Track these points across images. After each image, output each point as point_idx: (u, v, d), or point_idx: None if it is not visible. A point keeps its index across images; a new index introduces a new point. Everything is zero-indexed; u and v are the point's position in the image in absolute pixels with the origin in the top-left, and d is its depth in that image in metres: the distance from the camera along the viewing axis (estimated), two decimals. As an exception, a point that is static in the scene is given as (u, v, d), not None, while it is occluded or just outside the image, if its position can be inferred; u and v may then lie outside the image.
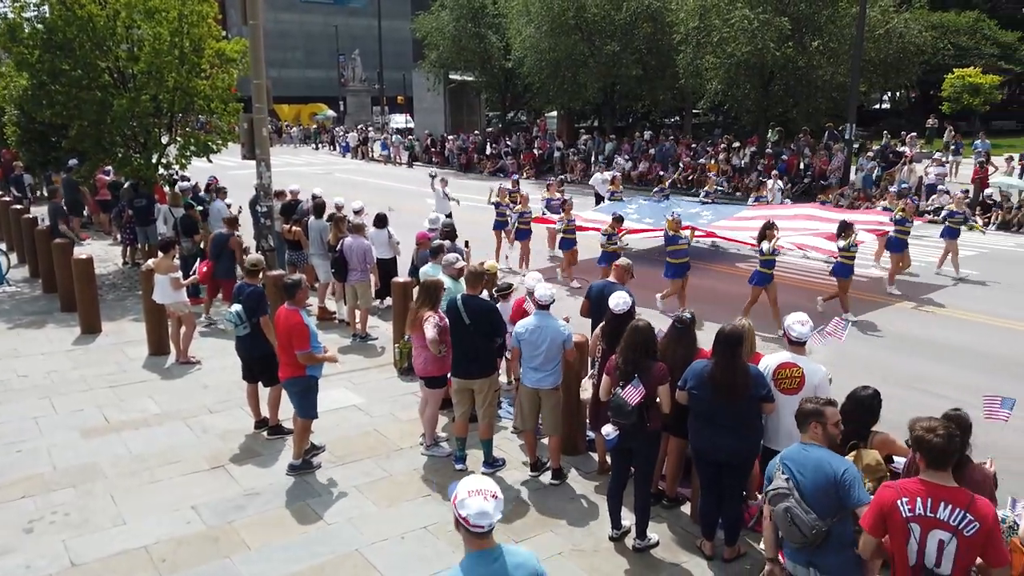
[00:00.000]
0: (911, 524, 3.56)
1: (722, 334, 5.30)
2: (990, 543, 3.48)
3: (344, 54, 59.48)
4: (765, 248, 10.77)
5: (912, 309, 12.38)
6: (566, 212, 14.29)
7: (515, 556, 3.33)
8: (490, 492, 3.16)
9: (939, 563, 3.53)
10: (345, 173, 33.89)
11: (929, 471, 3.60)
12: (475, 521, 3.11)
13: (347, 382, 9.13)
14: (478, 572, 3.21)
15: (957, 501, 3.49)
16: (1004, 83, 42.85)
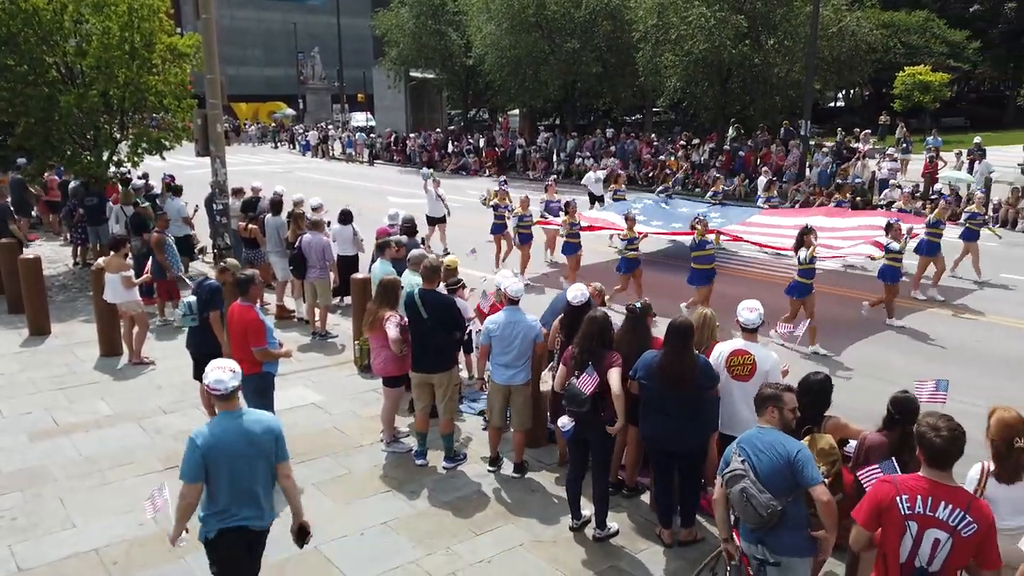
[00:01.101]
0: (909, 522, 3.52)
1: (672, 325, 5.37)
2: (985, 545, 3.47)
3: (303, 52, 58.80)
4: (802, 256, 9.85)
5: (952, 317, 11.68)
6: (569, 215, 13.36)
7: (255, 415, 4.39)
8: (229, 367, 4.25)
9: (931, 562, 3.51)
10: (306, 172, 33.50)
11: (929, 468, 3.57)
12: (212, 385, 4.18)
13: (306, 380, 9.02)
14: (222, 425, 4.23)
15: (957, 501, 3.47)
16: (953, 81, 44.16)
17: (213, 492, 4.15)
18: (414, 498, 6.43)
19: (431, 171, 18.41)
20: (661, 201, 16.46)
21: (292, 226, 11.17)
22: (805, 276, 9.89)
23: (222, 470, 4.14)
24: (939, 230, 12.50)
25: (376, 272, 8.79)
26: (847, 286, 13.22)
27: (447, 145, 35.13)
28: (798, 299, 9.94)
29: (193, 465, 4.12)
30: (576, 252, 13.23)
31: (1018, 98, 47.90)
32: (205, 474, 4.12)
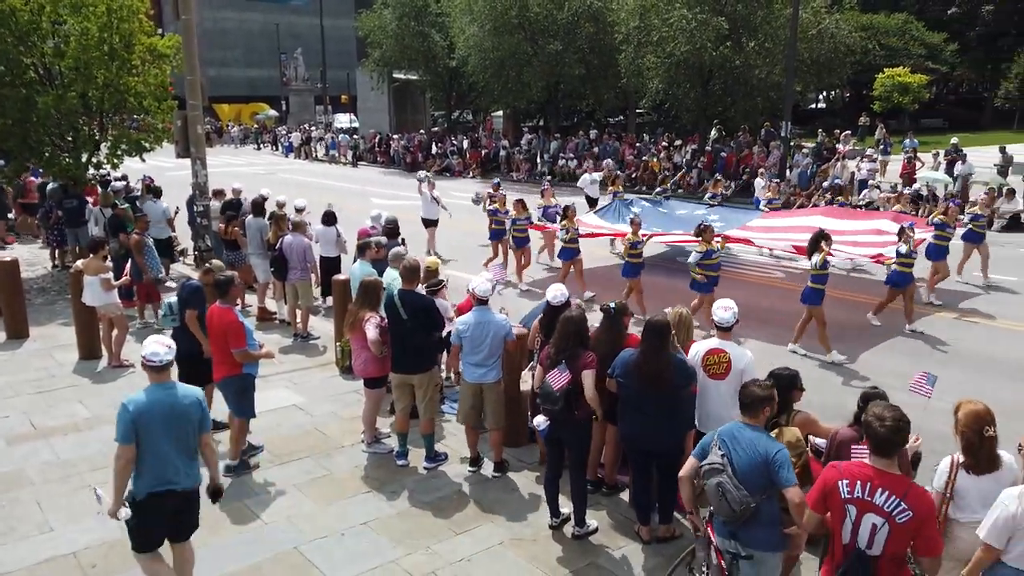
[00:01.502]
0: (848, 505, 3.67)
1: (649, 324, 5.43)
2: (921, 532, 3.59)
3: (286, 53, 58.56)
4: (815, 261, 9.52)
5: (958, 320, 11.56)
6: (568, 219, 12.85)
7: (185, 388, 4.84)
8: (165, 343, 4.72)
9: (871, 545, 3.66)
10: (288, 173, 33.36)
11: (875, 457, 3.70)
12: (148, 357, 4.63)
13: (287, 382, 9.02)
14: (154, 395, 4.65)
15: (894, 489, 3.60)
16: (931, 82, 44.65)
17: (142, 456, 4.57)
18: (395, 498, 6.46)
19: (427, 173, 18.13)
20: (657, 204, 16.05)
21: (274, 227, 11.15)
22: (819, 282, 9.60)
23: (151, 436, 4.57)
24: (948, 234, 12.31)
25: (356, 273, 8.80)
26: (852, 289, 12.91)
27: (431, 146, 35.12)
28: (814, 305, 9.64)
29: (125, 428, 4.52)
30: (574, 257, 12.73)
31: (995, 100, 48.57)
32: (136, 438, 4.53)
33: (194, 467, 4.81)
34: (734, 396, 5.52)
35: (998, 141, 27.52)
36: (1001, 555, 3.82)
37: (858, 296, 12.48)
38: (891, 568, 3.66)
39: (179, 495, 4.71)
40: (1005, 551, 3.79)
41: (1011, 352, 10.15)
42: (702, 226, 10.87)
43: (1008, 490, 3.81)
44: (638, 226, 11.78)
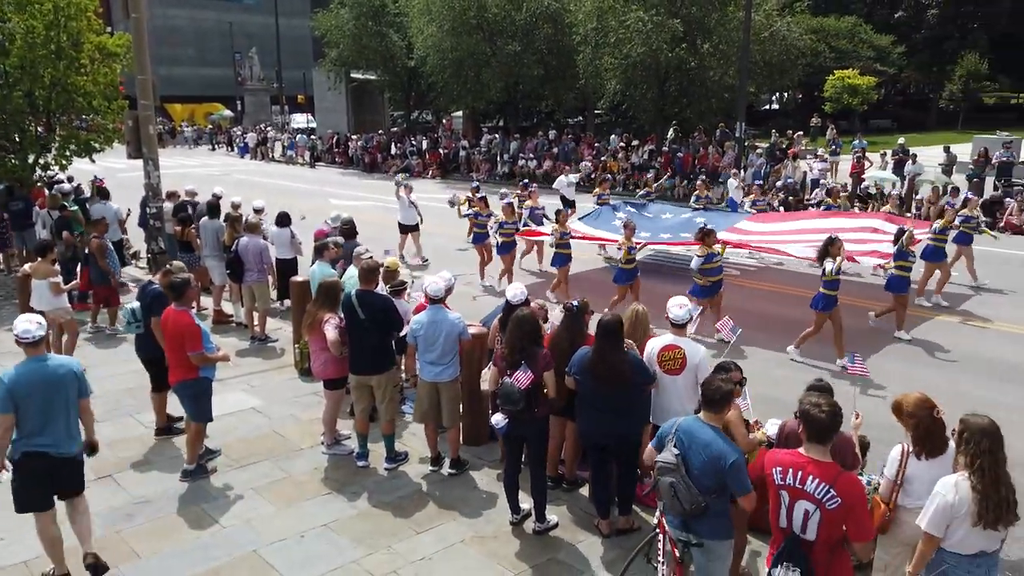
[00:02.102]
0: (781, 492, 3.83)
1: (601, 323, 5.53)
2: (851, 518, 3.72)
3: (240, 52, 57.67)
4: (828, 268, 9.22)
5: (958, 323, 11.44)
6: (561, 223, 12.41)
7: (59, 359, 5.36)
8: (35, 320, 5.14)
9: (804, 530, 3.79)
10: (244, 174, 32.87)
11: (808, 444, 3.84)
12: (20, 335, 5.07)
13: (245, 385, 8.91)
14: (28, 367, 5.08)
15: (824, 476, 3.72)
16: (880, 84, 45.96)
17: (20, 422, 5.02)
18: (355, 499, 6.44)
19: (404, 176, 17.55)
20: (642, 207, 15.72)
21: (229, 229, 11.01)
22: (831, 288, 9.31)
23: (27, 404, 5.01)
24: (944, 236, 12.17)
25: (315, 274, 8.75)
26: (852, 294, 12.23)
27: (390, 147, 34.93)
28: (824, 312, 9.36)
29: (2, 399, 4.94)
30: (567, 264, 12.24)
31: (940, 101, 50.13)
32: (15, 407, 4.97)
33: (72, 433, 5.22)
34: (689, 391, 5.69)
35: (943, 141, 28.42)
36: (941, 542, 3.97)
37: (856, 301, 11.90)
38: (826, 552, 3.80)
39: (55, 459, 5.13)
40: (944, 538, 3.95)
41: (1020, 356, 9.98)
42: (704, 230, 10.57)
43: (944, 479, 3.96)
44: (632, 231, 11.37)
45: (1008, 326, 11.30)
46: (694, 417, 4.38)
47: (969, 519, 3.83)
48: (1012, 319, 11.58)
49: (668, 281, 12.49)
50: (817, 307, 9.41)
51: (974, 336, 10.92)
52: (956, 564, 3.95)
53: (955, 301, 12.46)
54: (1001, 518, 3.79)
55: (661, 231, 13.95)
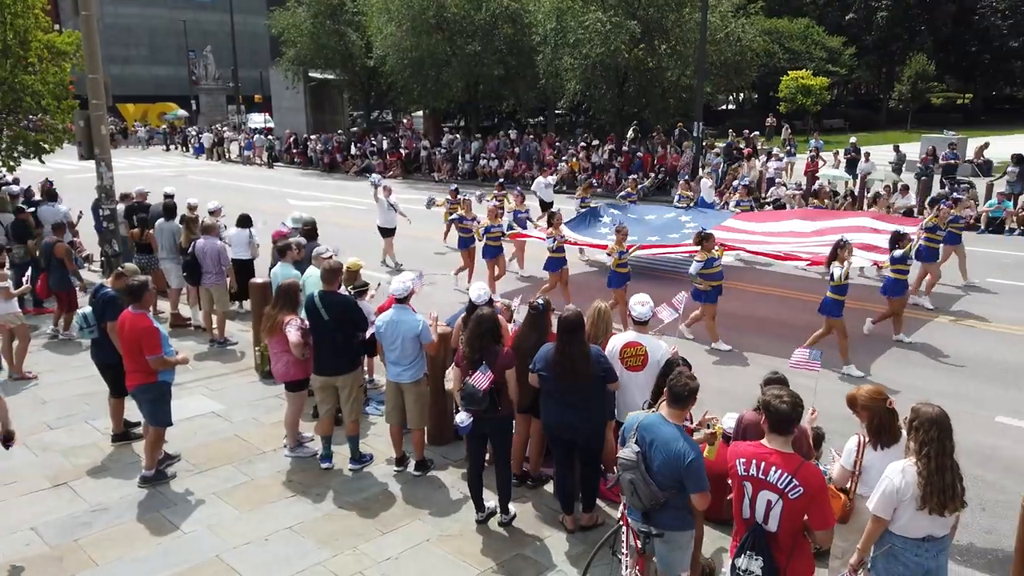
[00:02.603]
0: (744, 483, 3.91)
1: (561, 319, 5.59)
2: (813, 507, 3.81)
3: (194, 51, 56.57)
4: (837, 274, 9.04)
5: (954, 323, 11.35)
6: (555, 227, 12.03)
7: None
8: None
9: (767, 520, 3.88)
10: (200, 175, 32.30)
11: (770, 435, 3.93)
12: None
13: (205, 389, 8.78)
14: None
15: (786, 466, 3.82)
16: (832, 85, 47.08)
17: None
18: (320, 501, 6.40)
19: (381, 177, 16.64)
20: (624, 209, 15.31)
21: (185, 231, 10.82)
22: (839, 292, 9.13)
23: None
24: (937, 236, 12.11)
25: (277, 276, 8.66)
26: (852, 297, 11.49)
27: (350, 147, 34.64)
28: (834, 317, 9.19)
29: None
30: (561, 268, 11.83)
31: (890, 101, 51.49)
32: None
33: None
34: (651, 387, 5.77)
35: (893, 140, 29.24)
36: (888, 525, 4.11)
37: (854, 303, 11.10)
38: (788, 542, 3.89)
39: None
40: (891, 521, 4.09)
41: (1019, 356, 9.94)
42: (703, 233, 10.33)
43: (893, 464, 4.10)
44: (624, 235, 11.08)
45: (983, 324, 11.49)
46: (657, 414, 4.41)
47: (914, 503, 3.96)
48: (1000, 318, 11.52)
49: (657, 284, 12.04)
50: (825, 312, 9.25)
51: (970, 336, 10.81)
52: (903, 547, 4.07)
53: (941, 302, 12.27)
54: (946, 504, 3.91)
55: (648, 233, 13.60)
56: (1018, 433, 7.78)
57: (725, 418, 5.76)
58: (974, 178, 21.07)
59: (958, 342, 10.55)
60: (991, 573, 5.57)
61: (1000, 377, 9.35)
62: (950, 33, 48.84)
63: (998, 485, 6.73)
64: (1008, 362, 9.81)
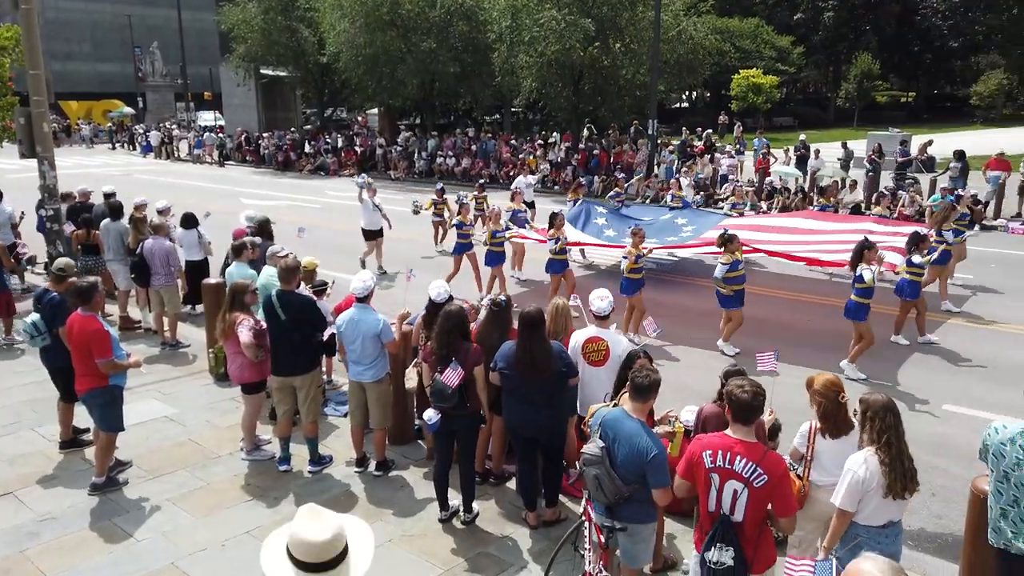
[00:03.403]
0: (712, 474, 3.93)
1: (522, 315, 5.60)
2: (777, 494, 3.88)
3: (141, 47, 55.16)
4: (868, 276, 8.79)
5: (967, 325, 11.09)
6: (557, 228, 11.57)
7: None
8: None
9: (733, 511, 3.93)
10: (148, 174, 31.49)
11: (734, 425, 3.97)
12: None
13: (157, 393, 8.55)
14: None
15: (751, 455, 3.88)
16: (782, 83, 48.10)
17: None
18: (278, 504, 6.29)
19: (367, 177, 15.71)
20: (617, 211, 14.85)
21: (133, 231, 10.53)
22: (866, 296, 8.89)
23: None
24: (943, 237, 11.62)
25: (232, 275, 8.47)
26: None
27: (304, 145, 34.15)
28: (862, 322, 8.97)
29: None
30: (564, 270, 11.45)
31: (837, 99, 52.80)
32: None
33: None
34: (613, 382, 5.80)
35: (841, 137, 29.95)
36: (853, 517, 4.20)
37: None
38: (753, 531, 3.95)
39: None
40: (856, 512, 4.18)
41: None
42: (726, 235, 9.87)
43: (853, 456, 4.19)
44: (641, 237, 10.41)
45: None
46: (619, 409, 4.43)
47: (880, 491, 4.06)
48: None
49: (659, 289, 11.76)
50: (859, 318, 8.97)
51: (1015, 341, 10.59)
52: (867, 536, 4.18)
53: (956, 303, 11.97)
54: (907, 487, 4.05)
55: (649, 235, 12.74)
56: (964, 420, 8.03)
57: (684, 411, 5.83)
58: (918, 174, 21.69)
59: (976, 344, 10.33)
60: (941, 557, 5.73)
61: (939, 366, 9.63)
62: (894, 33, 50.30)
63: (948, 471, 6.94)
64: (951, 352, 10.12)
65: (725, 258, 9.63)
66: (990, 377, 9.21)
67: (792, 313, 11.75)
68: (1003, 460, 4.02)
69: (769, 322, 10.97)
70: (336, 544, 2.47)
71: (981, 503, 4.36)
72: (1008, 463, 3.99)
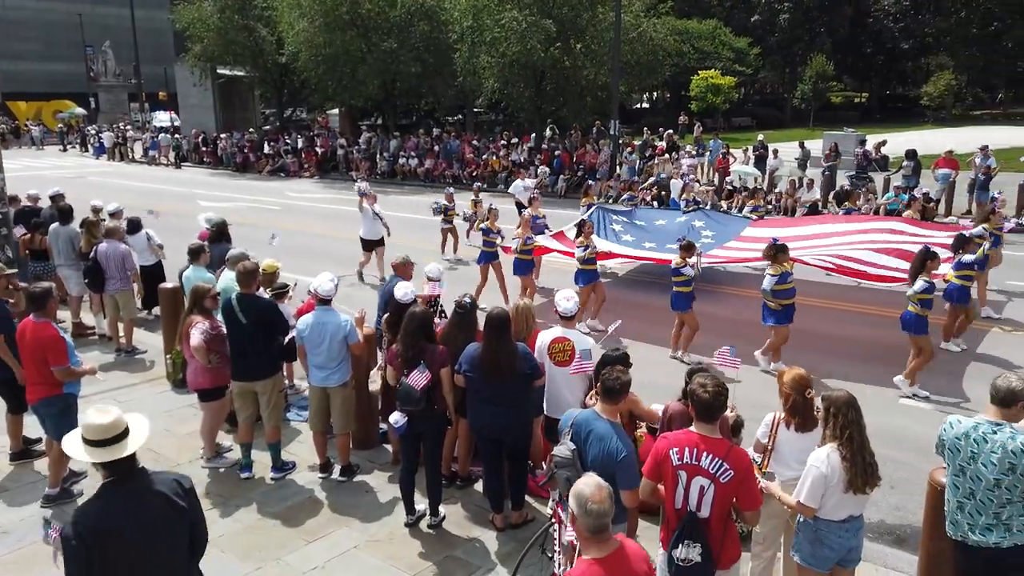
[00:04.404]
0: (679, 471, 3.95)
1: (488, 316, 5.58)
2: (742, 488, 3.93)
3: (92, 46, 53.85)
4: (919, 287, 8.29)
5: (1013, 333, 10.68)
6: (586, 235, 10.82)
7: None
8: None
9: (699, 507, 3.95)
10: (102, 176, 30.73)
11: (698, 423, 4.01)
12: None
13: (112, 400, 8.31)
14: None
15: (716, 451, 3.92)
16: (740, 84, 48.90)
17: None
18: (240, 512, 6.16)
19: (366, 184, 14.78)
20: (630, 214, 14.00)
21: (86, 235, 10.24)
22: (926, 306, 8.34)
23: None
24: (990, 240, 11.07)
25: (190, 279, 8.29)
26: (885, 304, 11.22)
27: (263, 146, 33.64)
28: (921, 335, 8.41)
29: None
30: (594, 282, 10.72)
31: (794, 100, 53.81)
32: None
33: None
34: (580, 381, 5.82)
35: (797, 137, 30.52)
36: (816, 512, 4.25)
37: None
38: (719, 526, 3.99)
39: None
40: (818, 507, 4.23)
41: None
42: (776, 245, 9.08)
43: (815, 453, 4.24)
44: (691, 251, 9.75)
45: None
46: (590, 410, 4.46)
47: (841, 487, 4.12)
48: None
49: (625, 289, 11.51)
50: (920, 331, 8.42)
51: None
52: (827, 530, 4.24)
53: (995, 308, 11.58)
54: (868, 482, 4.11)
55: (665, 241, 12.29)
56: (918, 413, 8.20)
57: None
58: (872, 173, 22.20)
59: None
60: (900, 548, 5.85)
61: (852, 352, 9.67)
62: (847, 35, 51.47)
63: (907, 464, 7.08)
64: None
65: (774, 269, 8.87)
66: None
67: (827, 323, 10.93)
68: (958, 454, 4.11)
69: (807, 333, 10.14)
70: (117, 425, 3.40)
71: (939, 495, 4.45)
72: (963, 457, 4.09)
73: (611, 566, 3.18)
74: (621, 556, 3.24)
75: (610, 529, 3.22)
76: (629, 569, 3.24)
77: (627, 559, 3.26)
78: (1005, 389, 4.05)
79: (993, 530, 4.02)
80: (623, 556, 3.25)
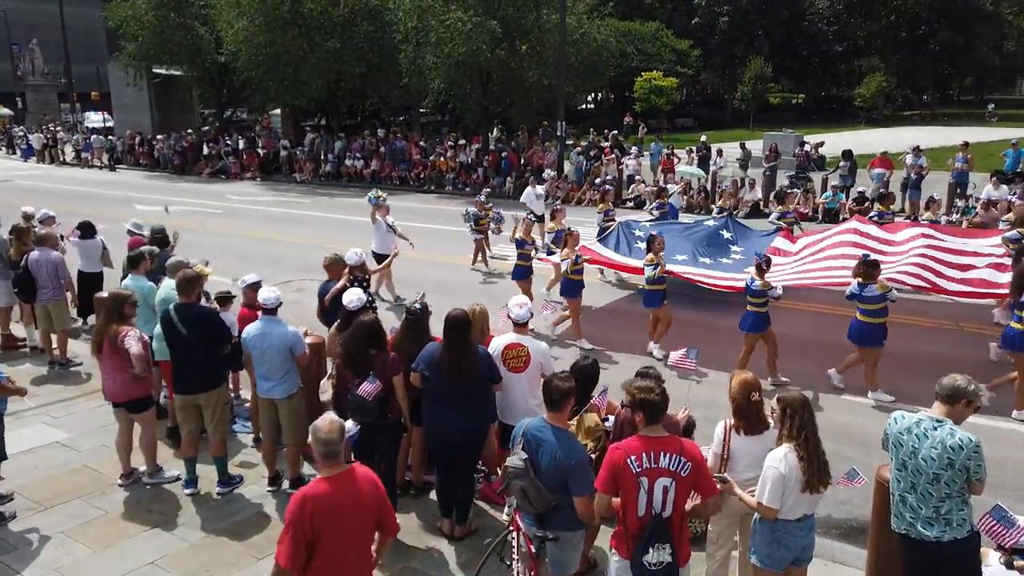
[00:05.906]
0: (640, 478, 3.91)
1: (448, 319, 5.51)
2: (700, 477, 3.97)
3: (18, 44, 51.59)
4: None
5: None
6: (655, 252, 9.66)
7: None
8: None
9: (664, 508, 3.94)
10: (31, 180, 29.46)
11: (646, 427, 4.00)
12: None
13: (46, 416, 7.95)
14: None
15: (672, 448, 3.93)
16: (682, 85, 49.70)
17: None
18: (186, 530, 5.95)
19: (380, 194, 12.99)
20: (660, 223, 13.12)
21: (16, 243, 9.77)
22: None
23: None
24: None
25: (130, 288, 7.95)
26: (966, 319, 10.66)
27: (202, 147, 32.69)
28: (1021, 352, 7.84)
29: None
30: (660, 304, 9.63)
31: (734, 101, 54.97)
32: None
33: None
34: (534, 387, 5.78)
35: (738, 138, 31.14)
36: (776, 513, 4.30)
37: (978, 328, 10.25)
38: (679, 525, 4.01)
39: None
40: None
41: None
42: (868, 260, 8.45)
43: (772, 454, 4.30)
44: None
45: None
46: (539, 418, 4.47)
47: (798, 486, 4.18)
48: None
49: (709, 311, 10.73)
50: (1012, 347, 7.90)
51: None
52: (784, 530, 4.30)
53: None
54: (822, 481, 4.19)
55: (699, 253, 11.66)
56: (857, 407, 8.41)
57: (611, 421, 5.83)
58: (810, 172, 22.81)
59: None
60: (848, 542, 5.98)
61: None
62: (784, 38, 52.78)
63: (853, 459, 7.23)
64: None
65: (878, 288, 8.25)
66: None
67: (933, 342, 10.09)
68: (901, 449, 4.23)
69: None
70: None
71: (885, 491, 4.57)
72: (905, 452, 4.21)
73: (337, 483, 3.84)
74: (349, 475, 3.91)
75: (341, 456, 3.91)
76: (355, 487, 3.87)
77: (355, 479, 3.90)
78: (949, 386, 4.18)
79: (934, 524, 4.14)
80: (351, 476, 3.91)
